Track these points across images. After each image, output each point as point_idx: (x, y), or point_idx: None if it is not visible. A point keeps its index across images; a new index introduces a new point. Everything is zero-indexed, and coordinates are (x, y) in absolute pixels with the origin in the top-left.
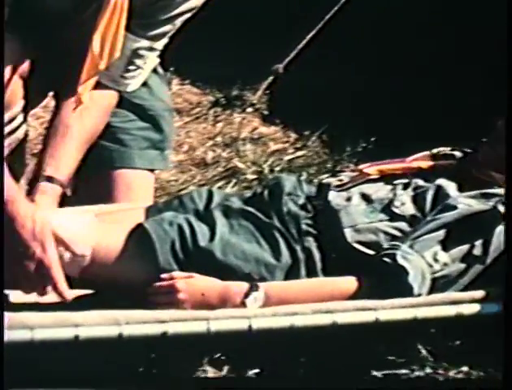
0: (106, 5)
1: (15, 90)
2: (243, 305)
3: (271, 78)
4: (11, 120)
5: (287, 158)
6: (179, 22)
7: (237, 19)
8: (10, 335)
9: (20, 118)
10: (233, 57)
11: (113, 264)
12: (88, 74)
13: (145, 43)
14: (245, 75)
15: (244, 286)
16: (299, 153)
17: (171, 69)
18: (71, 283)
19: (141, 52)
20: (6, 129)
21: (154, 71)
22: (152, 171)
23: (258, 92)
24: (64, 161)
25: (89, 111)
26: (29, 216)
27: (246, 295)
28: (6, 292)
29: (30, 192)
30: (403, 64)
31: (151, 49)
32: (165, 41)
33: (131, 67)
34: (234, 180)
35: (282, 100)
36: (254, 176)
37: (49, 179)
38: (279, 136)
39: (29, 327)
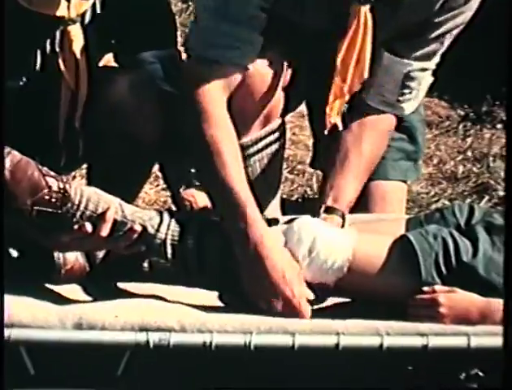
0: (349, 25)
1: (277, 103)
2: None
3: None
4: (272, 132)
5: None
6: (447, 39)
7: (488, 34)
8: (269, 339)
9: (277, 134)
10: (482, 71)
11: (373, 273)
12: (335, 95)
13: (415, 65)
14: (495, 91)
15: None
16: None
17: None
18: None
19: (413, 74)
20: (266, 140)
21: None
22: (405, 182)
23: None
24: (343, 191)
25: (367, 137)
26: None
27: None
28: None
29: None
30: None
31: (423, 69)
32: (437, 59)
33: (405, 91)
34: (486, 196)
35: None
36: (505, 194)
37: (328, 209)
38: None
39: (290, 332)
